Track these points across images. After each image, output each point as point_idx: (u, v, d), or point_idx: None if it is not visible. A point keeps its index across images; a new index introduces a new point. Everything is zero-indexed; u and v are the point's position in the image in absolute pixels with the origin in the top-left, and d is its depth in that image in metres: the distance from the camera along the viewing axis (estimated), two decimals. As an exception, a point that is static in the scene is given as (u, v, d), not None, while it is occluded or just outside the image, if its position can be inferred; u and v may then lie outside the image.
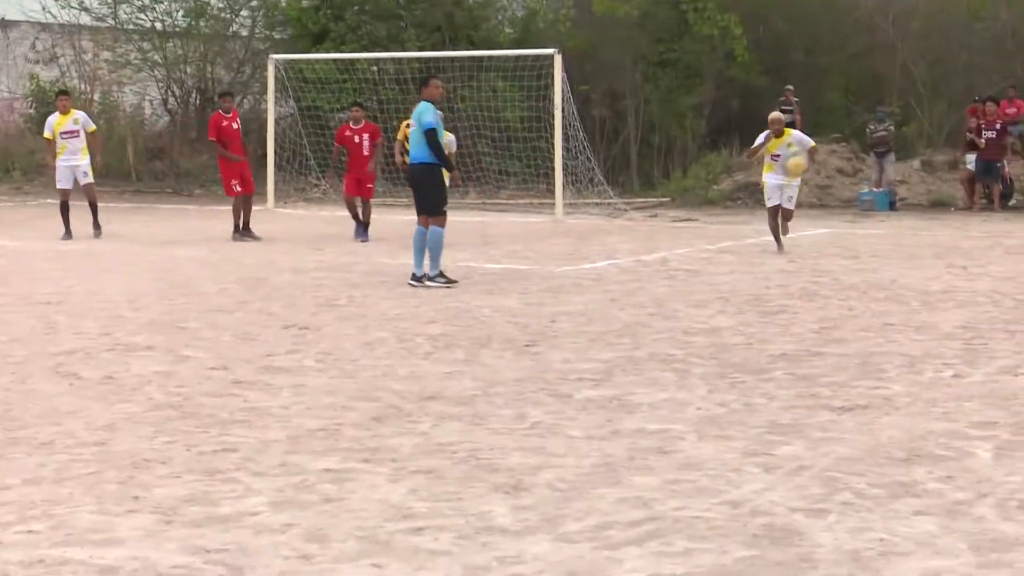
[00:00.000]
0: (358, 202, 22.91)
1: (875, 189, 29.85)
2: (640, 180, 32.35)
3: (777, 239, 21.04)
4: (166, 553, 6.50)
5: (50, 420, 9.25)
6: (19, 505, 7.25)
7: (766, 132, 20.65)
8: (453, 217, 17.61)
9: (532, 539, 6.55)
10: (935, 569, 5.96)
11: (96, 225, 22.25)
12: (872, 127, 30.58)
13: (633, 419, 9.37)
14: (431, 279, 16.04)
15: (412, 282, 16.00)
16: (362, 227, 22.51)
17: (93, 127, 22.83)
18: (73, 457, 8.27)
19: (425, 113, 16.16)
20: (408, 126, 24.08)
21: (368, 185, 22.89)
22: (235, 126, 23.22)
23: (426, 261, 16.40)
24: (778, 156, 20.55)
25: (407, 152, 18.70)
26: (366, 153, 22.66)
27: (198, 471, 7.96)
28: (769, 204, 21.14)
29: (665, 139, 33.39)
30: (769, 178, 21.04)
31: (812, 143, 21.42)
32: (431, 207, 15.88)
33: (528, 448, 8.52)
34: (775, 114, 21.20)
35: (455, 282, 16.39)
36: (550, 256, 20.72)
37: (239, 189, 22.82)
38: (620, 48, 32.76)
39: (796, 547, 6.34)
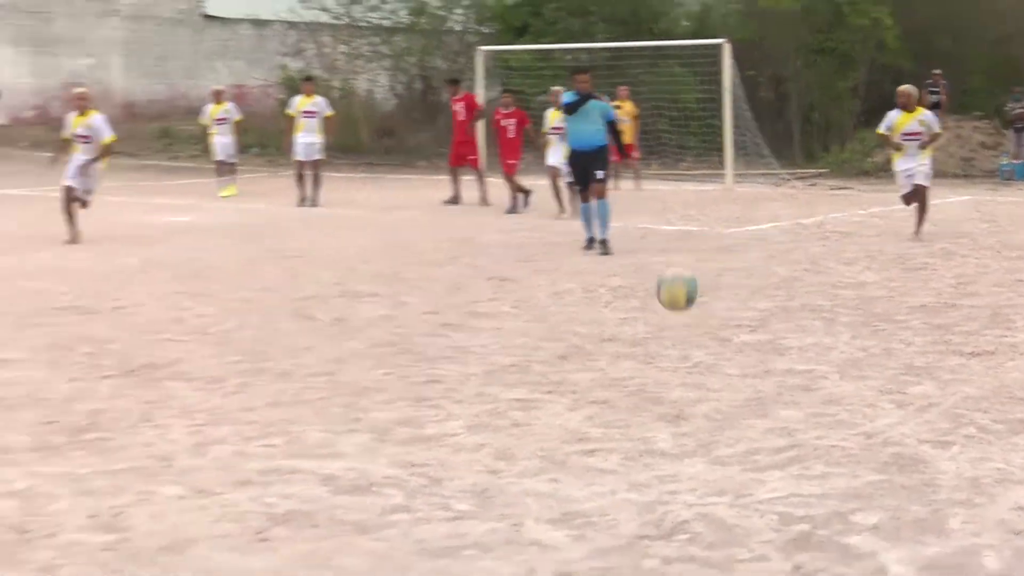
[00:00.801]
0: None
1: (1014, 161, 29.20)
2: (802, 154, 31.92)
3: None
4: (379, 466, 6.74)
5: (289, 354, 9.56)
6: (261, 424, 7.56)
7: (893, 111, 17.49)
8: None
9: (688, 461, 6.70)
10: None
11: (315, 200, 22.49)
12: (1010, 106, 30.07)
13: (783, 360, 9.42)
14: (606, 242, 15.87)
15: (587, 247, 15.81)
16: (524, 197, 22.10)
17: (330, 112, 23.32)
18: (306, 385, 8.57)
19: (610, 109, 15.98)
20: (616, 106, 24.22)
21: (509, 161, 22.33)
22: (456, 108, 23.45)
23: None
24: (910, 135, 17.11)
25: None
26: (511, 136, 22.24)
27: (408, 398, 8.20)
28: (901, 193, 17.93)
29: (824, 118, 32.99)
30: (900, 164, 17.56)
31: (939, 129, 18.09)
32: (603, 185, 15.76)
33: (689, 384, 8.62)
34: (905, 87, 17.81)
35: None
36: (719, 220, 20.59)
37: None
38: (783, 38, 32.39)
39: (921, 474, 6.42)
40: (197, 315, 11.11)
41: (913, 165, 17.24)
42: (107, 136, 13.50)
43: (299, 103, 22.74)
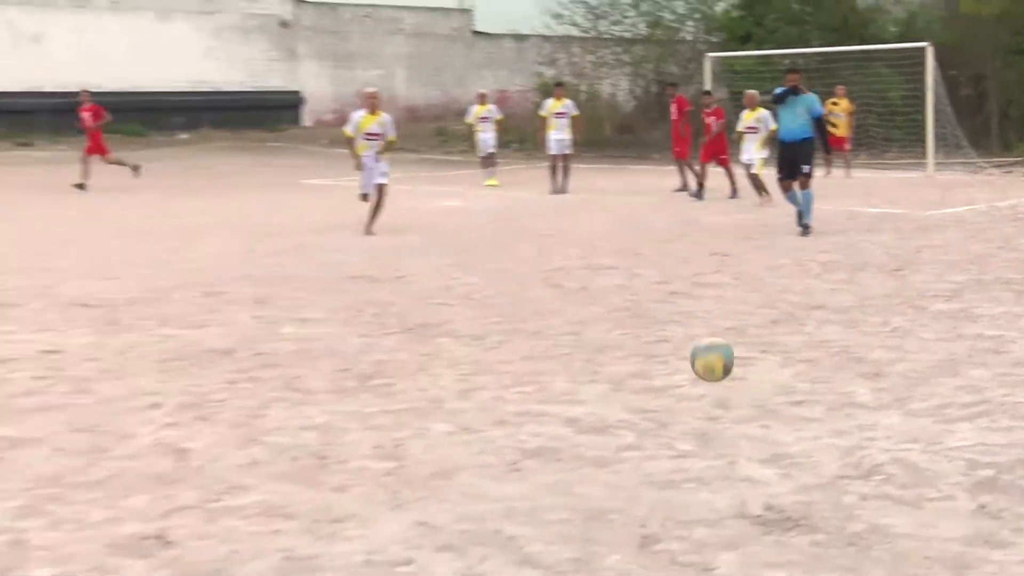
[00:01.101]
0: (707, 168, 21.66)
1: None
2: (999, 145, 30.64)
3: None
4: (614, 411, 6.82)
5: (540, 317, 9.69)
6: (516, 374, 7.71)
7: None
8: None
9: (885, 413, 6.62)
10: None
11: (564, 188, 22.42)
12: None
13: (975, 326, 9.20)
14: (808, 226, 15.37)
15: (801, 229, 15.17)
16: (698, 188, 21.36)
17: (576, 113, 23.28)
18: (554, 343, 8.69)
19: (816, 103, 15.59)
20: (833, 102, 23.88)
21: (721, 156, 21.57)
22: (672, 109, 23.18)
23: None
24: None
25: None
26: (712, 131, 21.55)
27: (640, 355, 8.26)
28: None
29: (1020, 112, 31.62)
30: None
31: None
32: (808, 177, 15.26)
33: (888, 346, 8.49)
34: None
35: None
36: (920, 203, 19.94)
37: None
38: (982, 41, 31.17)
39: None
40: (463, 283, 11.36)
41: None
42: (391, 135, 13.79)
43: (551, 105, 22.99)
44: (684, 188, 21.80)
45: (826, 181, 22.75)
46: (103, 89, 37.99)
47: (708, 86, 29.31)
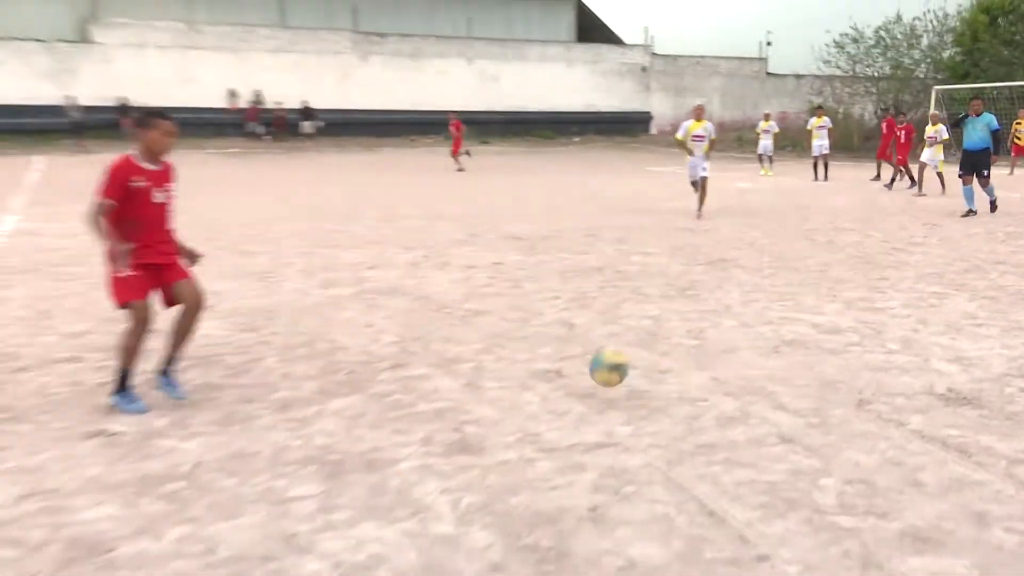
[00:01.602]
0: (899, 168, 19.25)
1: None
2: None
3: None
4: (846, 320, 6.59)
5: (799, 259, 9.33)
6: (780, 294, 7.51)
7: None
8: None
9: None
10: None
11: (825, 178, 20.79)
12: None
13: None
14: (994, 201, 13.72)
15: (965, 215, 13.13)
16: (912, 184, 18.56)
17: (831, 126, 21.63)
18: (807, 276, 8.38)
19: (993, 120, 13.63)
20: (1018, 122, 21.30)
21: (899, 156, 19.17)
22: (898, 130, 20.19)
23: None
24: None
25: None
26: (901, 141, 19.20)
27: (866, 287, 7.88)
28: None
29: None
30: None
31: None
32: (986, 179, 13.47)
33: None
34: None
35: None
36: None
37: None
38: None
39: None
40: (749, 236, 11.07)
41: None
42: (713, 136, 13.30)
43: (814, 122, 21.66)
44: (890, 182, 19.83)
45: (1011, 178, 20.34)
46: (530, 109, 39.57)
47: (932, 111, 26.73)
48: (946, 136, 17.18)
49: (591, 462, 3.90)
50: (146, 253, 4.44)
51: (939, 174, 17.31)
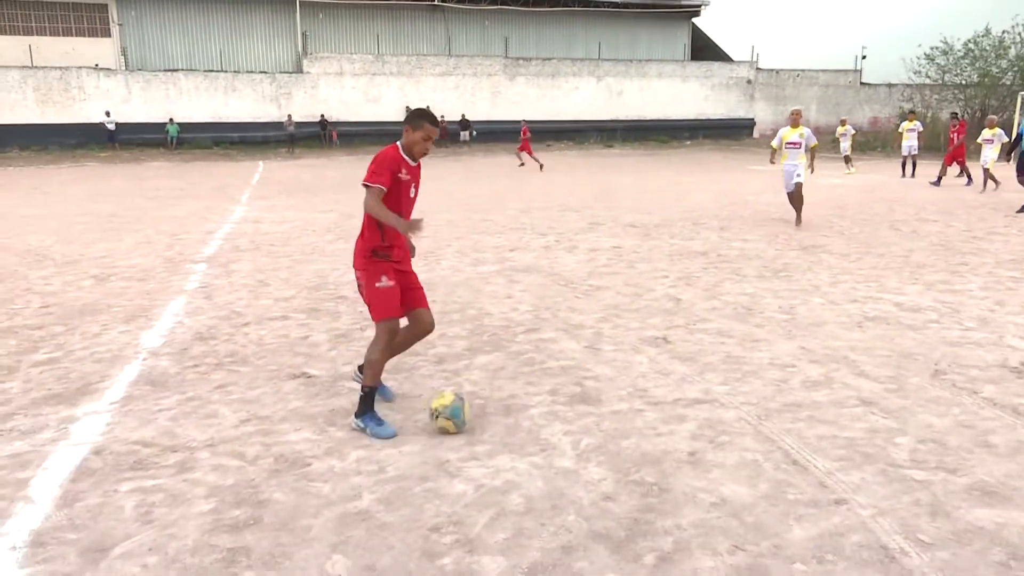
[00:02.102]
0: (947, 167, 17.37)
1: None
2: None
3: None
4: (925, 300, 6.12)
5: (884, 246, 8.71)
6: (866, 276, 7.08)
7: None
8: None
9: None
10: None
11: (912, 174, 19.09)
12: None
13: None
14: None
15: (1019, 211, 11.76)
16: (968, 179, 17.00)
17: (921, 129, 19.78)
18: (891, 260, 7.81)
19: None
20: None
21: (959, 158, 17.31)
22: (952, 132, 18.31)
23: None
24: None
25: None
26: (956, 142, 17.44)
27: (946, 271, 7.30)
28: None
29: None
30: None
31: None
32: None
33: None
34: None
35: None
36: None
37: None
38: None
39: None
40: (838, 225, 10.41)
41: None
42: (814, 142, 11.10)
43: (904, 125, 19.94)
44: (938, 180, 17.74)
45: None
46: (648, 118, 38.78)
47: (989, 116, 24.19)
48: (1005, 139, 15.28)
49: (691, 415, 3.82)
50: (396, 253, 3.68)
51: (986, 170, 15.53)
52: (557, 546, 2.67)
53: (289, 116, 32.45)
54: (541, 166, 22.72)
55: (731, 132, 39.67)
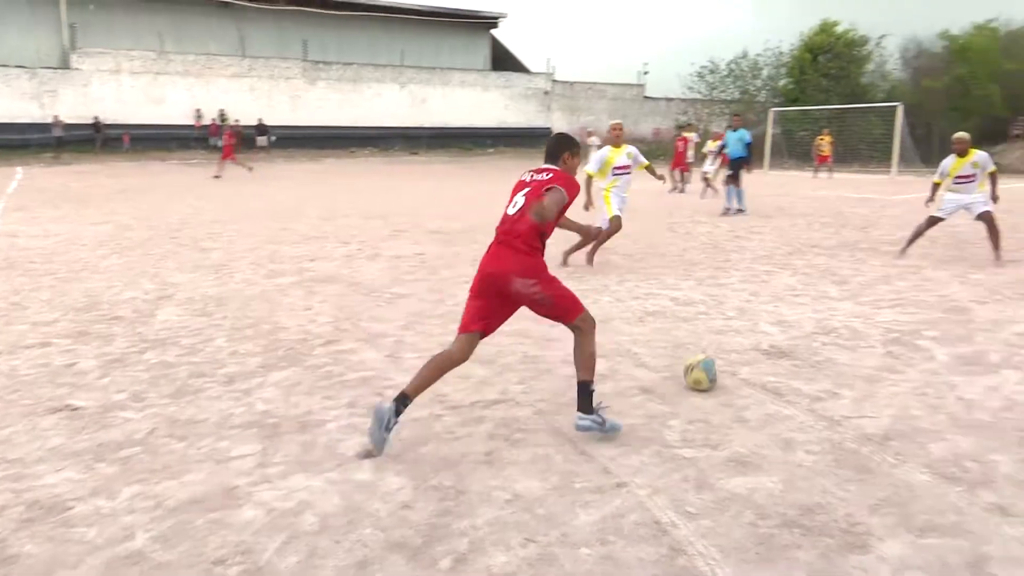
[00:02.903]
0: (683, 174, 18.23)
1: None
2: (937, 161, 27.69)
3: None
4: (696, 294, 6.67)
5: (663, 246, 9.44)
6: (647, 274, 7.58)
7: (948, 158, 8.46)
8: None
9: (844, 302, 6.22)
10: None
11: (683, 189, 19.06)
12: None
13: (905, 259, 8.42)
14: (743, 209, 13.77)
15: (723, 214, 12.79)
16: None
17: (698, 140, 20.42)
18: (669, 259, 8.40)
19: (747, 135, 13.33)
20: (820, 137, 21.62)
21: (683, 167, 18.14)
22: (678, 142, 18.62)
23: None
24: (962, 178, 8.29)
25: None
26: (680, 151, 18.10)
27: (713, 267, 7.98)
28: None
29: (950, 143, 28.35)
30: (949, 195, 8.45)
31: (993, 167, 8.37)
32: (737, 177, 12.99)
33: (851, 268, 7.91)
34: (960, 134, 8.51)
35: None
36: (885, 192, 18.27)
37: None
38: (932, 103, 28.10)
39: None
40: (625, 228, 11.17)
41: (967, 198, 8.31)
42: (642, 163, 8.14)
43: (709, 145, 18.69)
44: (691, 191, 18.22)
45: (822, 181, 21.26)
46: (452, 126, 39.43)
47: (769, 127, 27.62)
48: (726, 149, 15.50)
49: (489, 415, 3.91)
50: None
51: (706, 178, 16.88)
52: (352, 562, 2.62)
53: (56, 117, 28.89)
54: (250, 168, 21.68)
55: (530, 140, 41.34)
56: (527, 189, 3.66)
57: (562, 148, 3.76)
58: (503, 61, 43.89)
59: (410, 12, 40.15)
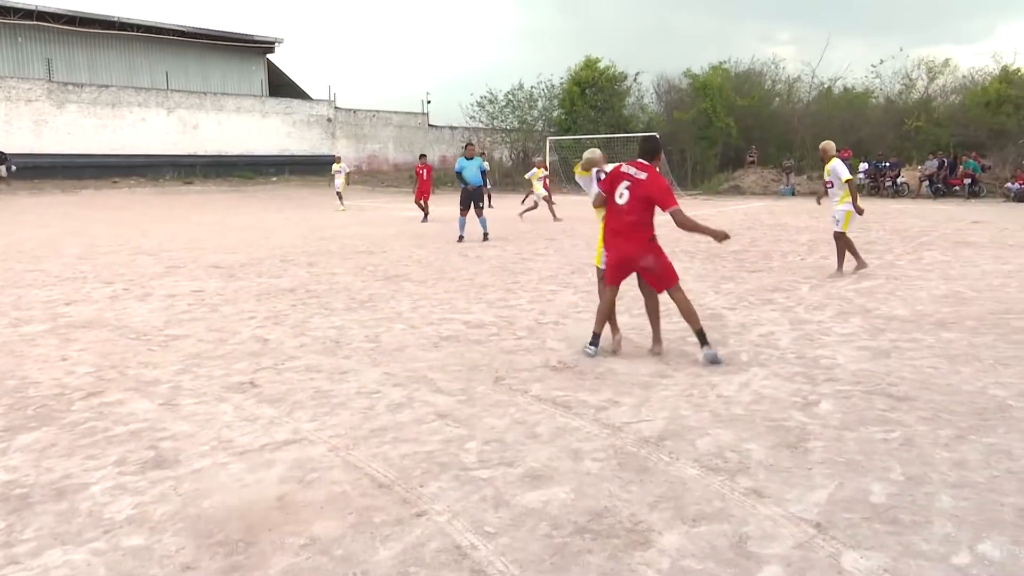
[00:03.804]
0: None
1: (784, 187, 27.93)
2: (691, 185, 30.91)
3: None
4: (488, 317, 6.83)
5: (454, 270, 9.55)
6: (440, 300, 7.62)
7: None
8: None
9: (620, 317, 6.67)
10: None
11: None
12: (784, 163, 28.71)
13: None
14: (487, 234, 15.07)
15: (459, 241, 14.51)
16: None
17: (348, 170, 21.31)
18: (460, 283, 8.56)
19: (482, 162, 13.43)
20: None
21: (426, 195, 17.75)
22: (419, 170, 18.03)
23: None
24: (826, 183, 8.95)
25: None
26: (424, 178, 17.70)
27: (503, 289, 8.24)
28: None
29: (701, 168, 31.50)
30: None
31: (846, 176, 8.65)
32: (482, 209, 12.97)
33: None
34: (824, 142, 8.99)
35: None
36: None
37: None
38: (684, 132, 31.46)
39: (719, 320, 6.34)
40: (417, 254, 11.24)
41: (832, 208, 9.01)
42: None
43: (535, 173, 18.31)
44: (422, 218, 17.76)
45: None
46: (230, 153, 37.27)
47: (547, 153, 29.28)
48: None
49: (280, 458, 3.71)
50: None
51: (547, 200, 17.64)
52: (125, 641, 2.33)
53: None
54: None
55: (316, 168, 40.34)
56: (628, 183, 5.23)
57: (658, 148, 5.36)
58: (282, 87, 42.49)
59: (173, 33, 37.46)
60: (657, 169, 5.32)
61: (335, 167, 22.32)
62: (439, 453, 3.74)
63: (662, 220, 5.33)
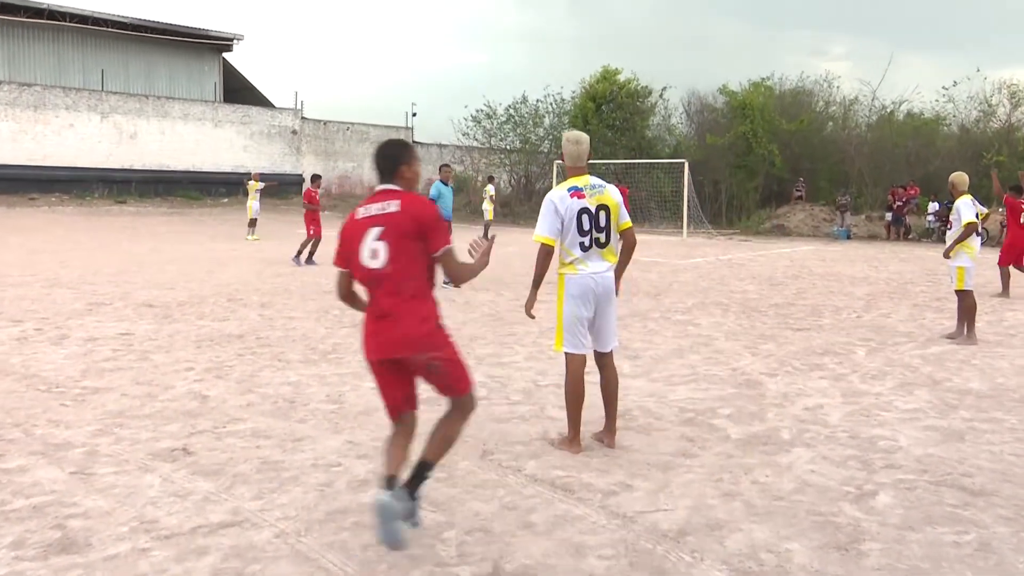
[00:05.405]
0: None
1: (839, 228, 28.33)
2: (726, 222, 31.32)
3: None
4: (478, 376, 6.86)
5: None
6: None
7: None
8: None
9: (636, 379, 6.69)
10: None
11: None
12: (839, 199, 29.14)
13: (697, 329, 9.38)
14: None
15: None
16: None
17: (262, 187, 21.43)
18: None
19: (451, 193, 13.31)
20: None
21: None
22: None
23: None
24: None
25: None
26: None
27: (496, 343, 8.30)
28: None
29: (738, 203, 32.24)
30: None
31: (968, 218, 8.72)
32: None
33: (644, 340, 8.58)
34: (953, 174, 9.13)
35: None
36: (674, 255, 20.39)
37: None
38: (718, 159, 31.94)
39: (757, 389, 6.40)
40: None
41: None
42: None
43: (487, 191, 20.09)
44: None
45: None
46: (173, 168, 37.59)
47: (554, 179, 29.54)
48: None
49: (215, 544, 3.67)
50: None
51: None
52: None
53: None
54: None
55: (279, 189, 40.69)
56: (379, 228, 3.70)
57: (402, 158, 3.80)
58: (241, 93, 43.05)
59: (112, 25, 38.09)
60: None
61: (253, 185, 21.77)
62: (410, 543, 3.71)
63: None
